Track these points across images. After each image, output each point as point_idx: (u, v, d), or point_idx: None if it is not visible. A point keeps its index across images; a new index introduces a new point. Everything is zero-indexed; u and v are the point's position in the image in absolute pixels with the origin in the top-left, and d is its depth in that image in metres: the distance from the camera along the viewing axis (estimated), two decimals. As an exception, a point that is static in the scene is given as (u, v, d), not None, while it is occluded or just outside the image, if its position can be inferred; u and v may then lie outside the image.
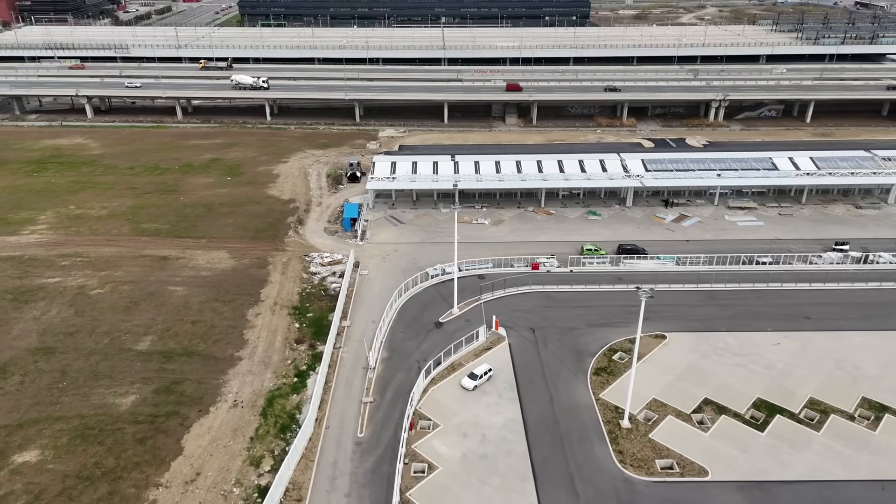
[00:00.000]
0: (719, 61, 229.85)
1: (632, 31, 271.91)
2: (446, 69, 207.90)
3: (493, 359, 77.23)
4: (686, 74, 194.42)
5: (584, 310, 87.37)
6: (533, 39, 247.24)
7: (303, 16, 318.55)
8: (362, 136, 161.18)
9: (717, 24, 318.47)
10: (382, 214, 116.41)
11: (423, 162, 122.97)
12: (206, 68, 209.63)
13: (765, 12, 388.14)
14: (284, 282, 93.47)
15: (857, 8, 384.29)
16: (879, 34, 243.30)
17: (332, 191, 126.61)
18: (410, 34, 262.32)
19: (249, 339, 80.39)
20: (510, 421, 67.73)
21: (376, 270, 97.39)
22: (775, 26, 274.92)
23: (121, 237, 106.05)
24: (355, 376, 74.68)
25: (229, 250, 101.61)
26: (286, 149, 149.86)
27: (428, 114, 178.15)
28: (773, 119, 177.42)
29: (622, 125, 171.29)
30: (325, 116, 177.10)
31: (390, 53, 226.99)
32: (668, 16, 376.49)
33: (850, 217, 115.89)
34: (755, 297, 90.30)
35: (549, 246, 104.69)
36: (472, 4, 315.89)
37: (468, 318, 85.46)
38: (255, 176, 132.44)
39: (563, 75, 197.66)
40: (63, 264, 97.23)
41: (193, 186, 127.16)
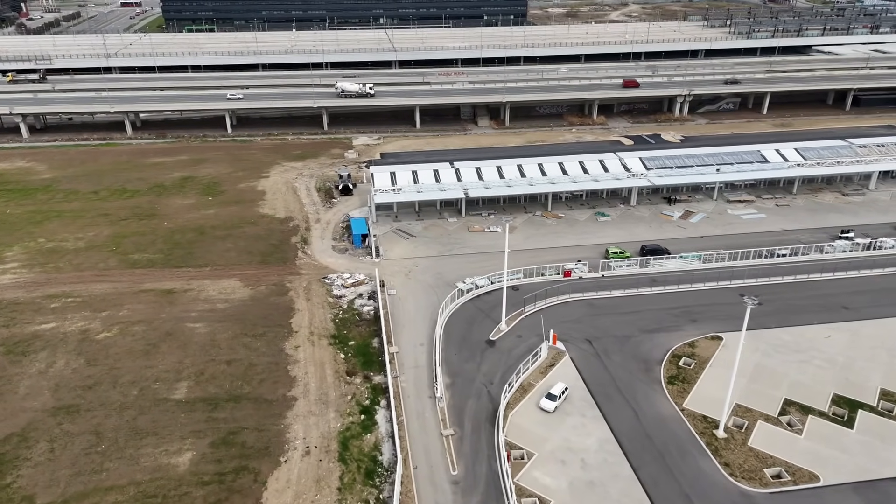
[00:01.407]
0: (662, 57, 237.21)
1: (576, 28, 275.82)
2: (411, 72, 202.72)
3: (560, 375, 74.16)
4: (645, 71, 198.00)
5: (632, 315, 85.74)
6: (482, 39, 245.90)
7: (233, 19, 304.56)
8: (336, 146, 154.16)
9: (644, 21, 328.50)
10: (389, 228, 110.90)
11: (424, 171, 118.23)
12: (15, 81, 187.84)
13: (683, 9, 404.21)
14: (312, 308, 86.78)
15: (765, 2, 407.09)
16: (804, 27, 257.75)
17: (327, 205, 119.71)
18: (357, 37, 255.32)
19: (297, 375, 73.70)
20: (604, 441, 64.91)
21: (403, 289, 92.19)
22: (706, 22, 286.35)
23: (111, 271, 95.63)
24: (424, 407, 69.73)
25: (240, 278, 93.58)
26: (261, 162, 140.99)
27: (396, 119, 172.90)
28: (732, 112, 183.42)
29: (594, 123, 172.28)
30: (289, 126, 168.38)
31: (341, 57, 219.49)
32: (596, 13, 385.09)
33: (841, 204, 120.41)
34: (789, 291, 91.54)
35: (571, 251, 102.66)
36: (410, 5, 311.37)
37: (519, 334, 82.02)
38: (239, 194, 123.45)
39: (527, 75, 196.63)
40: (53, 307, 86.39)
41: (174, 209, 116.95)
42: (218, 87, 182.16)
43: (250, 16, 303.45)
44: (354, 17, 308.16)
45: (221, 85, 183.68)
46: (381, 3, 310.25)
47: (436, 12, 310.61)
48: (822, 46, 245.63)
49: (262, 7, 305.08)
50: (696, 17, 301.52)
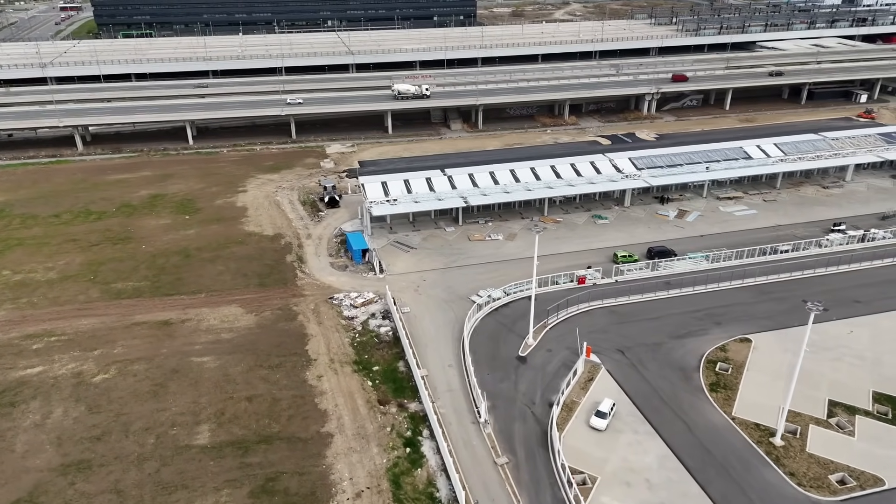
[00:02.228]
0: (618, 55, 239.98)
1: (530, 28, 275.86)
2: (376, 76, 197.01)
3: (601, 390, 71.70)
4: (609, 69, 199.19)
5: (656, 321, 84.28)
6: (439, 40, 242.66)
7: (172, 24, 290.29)
8: (310, 155, 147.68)
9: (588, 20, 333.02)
10: (387, 241, 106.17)
11: (416, 179, 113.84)
12: None
13: (623, 7, 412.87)
14: (326, 333, 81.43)
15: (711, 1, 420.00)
16: (748, 24, 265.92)
17: (315, 219, 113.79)
18: (309, 40, 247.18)
19: (326, 408, 68.52)
20: (663, 458, 62.73)
21: (416, 305, 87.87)
22: (653, 20, 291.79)
23: (94, 304, 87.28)
24: (469, 434, 65.92)
25: (240, 303, 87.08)
26: (233, 176, 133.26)
27: (366, 125, 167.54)
28: (696, 108, 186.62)
29: (566, 123, 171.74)
30: (254, 135, 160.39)
31: (298, 61, 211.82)
32: (540, 13, 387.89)
33: (823, 197, 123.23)
34: (799, 287, 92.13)
35: (577, 257, 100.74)
36: (359, 7, 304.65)
37: (548, 348, 79.17)
38: (218, 211, 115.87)
39: (494, 76, 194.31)
40: (36, 348, 77.89)
41: (150, 231, 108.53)
42: (174, 95, 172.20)
43: (191, 20, 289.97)
44: (301, 20, 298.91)
45: (178, 94, 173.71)
46: (328, 4, 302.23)
47: (385, 14, 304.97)
48: (765, 42, 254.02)
49: (202, 10, 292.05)
50: (642, 16, 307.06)
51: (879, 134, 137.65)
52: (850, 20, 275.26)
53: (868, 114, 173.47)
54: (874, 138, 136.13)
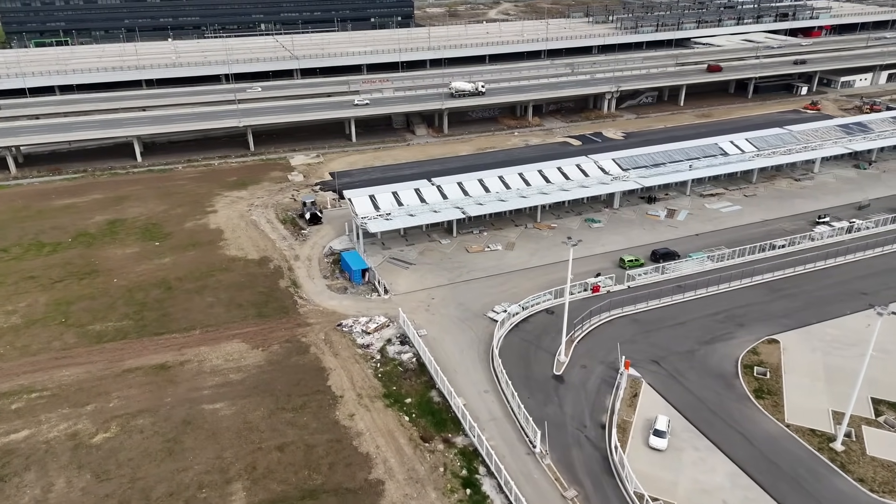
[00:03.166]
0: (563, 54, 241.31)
1: (474, 29, 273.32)
2: (333, 80, 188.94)
3: (648, 406, 69.16)
4: (564, 69, 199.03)
5: (680, 327, 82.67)
6: (385, 43, 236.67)
7: (91, 30, 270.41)
8: (274, 168, 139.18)
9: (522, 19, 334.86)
10: (382, 258, 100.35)
11: (405, 191, 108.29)
12: None
13: (552, 6, 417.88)
14: (345, 365, 75.20)
15: None
16: (682, 21, 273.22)
17: (299, 238, 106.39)
18: (247, 45, 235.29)
19: (368, 451, 62.64)
20: (733, 476, 60.51)
21: (432, 327, 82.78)
22: (590, 18, 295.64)
23: (73, 351, 77.35)
24: (529, 467, 61.76)
25: (242, 338, 79.37)
26: (197, 195, 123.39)
27: (325, 133, 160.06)
28: (652, 105, 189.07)
29: (530, 125, 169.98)
30: (207, 149, 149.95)
31: (244, 68, 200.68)
32: (473, 12, 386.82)
33: (798, 189, 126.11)
34: (805, 282, 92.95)
35: (582, 263, 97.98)
36: (292, 9, 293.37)
37: (582, 364, 76.00)
38: (191, 235, 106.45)
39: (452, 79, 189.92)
40: (16, 408, 67.88)
41: (118, 262, 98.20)
42: (115, 109, 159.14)
43: (111, 25, 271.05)
44: (232, 24, 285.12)
45: (119, 107, 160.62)
46: (260, 7, 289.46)
47: (321, 16, 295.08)
48: (699, 38, 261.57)
49: (124, 15, 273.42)
50: (578, 14, 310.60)
51: (838, 126, 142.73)
52: (774, 16, 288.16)
53: (813, 105, 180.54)
54: (834, 130, 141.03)
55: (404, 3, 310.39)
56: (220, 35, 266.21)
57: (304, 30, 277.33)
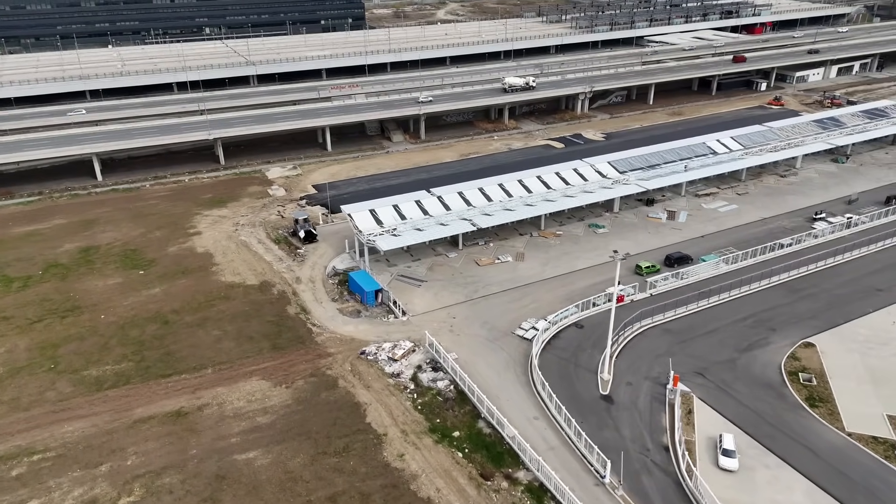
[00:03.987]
0: (524, 54, 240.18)
1: (431, 31, 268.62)
2: (300, 87, 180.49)
3: (706, 422, 66.72)
4: (533, 70, 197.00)
5: (713, 335, 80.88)
6: (342, 46, 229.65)
7: (20, 38, 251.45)
8: (251, 182, 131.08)
9: (472, 19, 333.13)
10: (390, 276, 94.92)
11: (406, 204, 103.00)
12: None
13: (500, 5, 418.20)
14: (381, 398, 69.74)
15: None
16: (635, 20, 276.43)
17: (297, 259, 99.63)
18: (197, 50, 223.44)
19: (429, 495, 57.58)
20: (810, 493, 58.45)
21: (461, 349, 78.15)
22: (544, 18, 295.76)
23: (72, 402, 68.82)
24: (602, 499, 58.07)
25: (261, 375, 72.67)
26: (173, 215, 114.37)
27: (296, 143, 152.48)
28: (622, 104, 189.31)
29: (507, 128, 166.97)
30: (171, 164, 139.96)
31: (200, 75, 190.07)
32: (421, 13, 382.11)
33: (786, 186, 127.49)
34: (821, 280, 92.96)
35: (598, 272, 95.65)
36: (238, 12, 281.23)
37: (627, 381, 73.05)
38: (178, 261, 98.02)
39: (423, 82, 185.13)
40: (17, 474, 59.41)
41: (100, 295, 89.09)
42: (64, 124, 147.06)
43: (43, 32, 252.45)
44: (174, 28, 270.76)
45: (69, 122, 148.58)
46: (204, 10, 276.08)
47: (269, 19, 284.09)
48: (653, 37, 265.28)
49: (56, 21, 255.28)
50: (531, 14, 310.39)
51: (813, 121, 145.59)
52: (719, 13, 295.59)
53: (777, 101, 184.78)
54: (811, 125, 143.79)
55: (355, 5, 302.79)
56: (164, 40, 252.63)
57: (254, 33, 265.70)
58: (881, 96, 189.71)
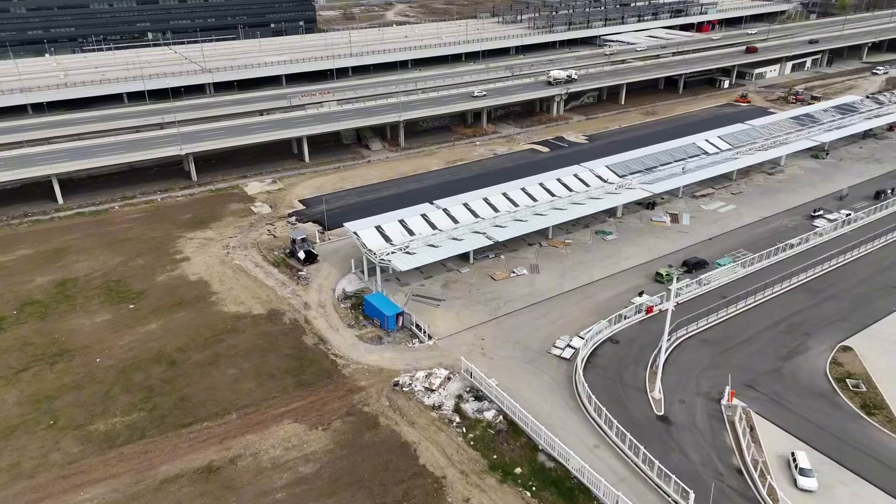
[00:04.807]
0: (487, 55, 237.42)
1: (390, 33, 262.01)
2: (267, 95, 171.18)
3: (772, 439, 64.46)
4: (503, 72, 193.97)
5: (750, 344, 79.16)
6: (300, 50, 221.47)
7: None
8: (230, 199, 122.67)
9: (422, 21, 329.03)
10: (405, 297, 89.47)
11: (412, 218, 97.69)
12: None
13: (446, 6, 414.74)
14: (429, 435, 64.53)
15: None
16: (591, 20, 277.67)
17: (300, 283, 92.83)
18: (145, 58, 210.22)
19: (510, 545, 53.05)
20: (894, 507, 57.18)
21: (499, 373, 73.43)
22: (499, 19, 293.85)
23: (84, 462, 60.65)
24: (688, 532, 54.88)
25: (292, 417, 66.19)
26: (152, 239, 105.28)
27: (270, 154, 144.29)
28: (595, 105, 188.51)
29: (486, 132, 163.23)
30: (136, 182, 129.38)
31: (156, 84, 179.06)
32: (368, 14, 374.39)
33: (776, 184, 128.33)
34: (837, 280, 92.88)
35: (618, 280, 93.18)
36: (184, 16, 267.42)
37: (680, 399, 70.29)
38: (170, 292, 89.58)
39: (395, 87, 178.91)
40: (33, 558, 51.55)
41: (90, 335, 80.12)
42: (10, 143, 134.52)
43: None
44: (114, 34, 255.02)
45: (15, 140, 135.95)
46: (146, 15, 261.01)
47: (215, 23, 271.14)
48: (608, 36, 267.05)
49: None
50: (485, 14, 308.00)
51: (791, 118, 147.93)
52: (669, 12, 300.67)
53: (744, 98, 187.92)
54: (789, 122, 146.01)
55: (306, 8, 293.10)
56: (103, 47, 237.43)
57: (204, 38, 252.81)
58: (837, 91, 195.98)
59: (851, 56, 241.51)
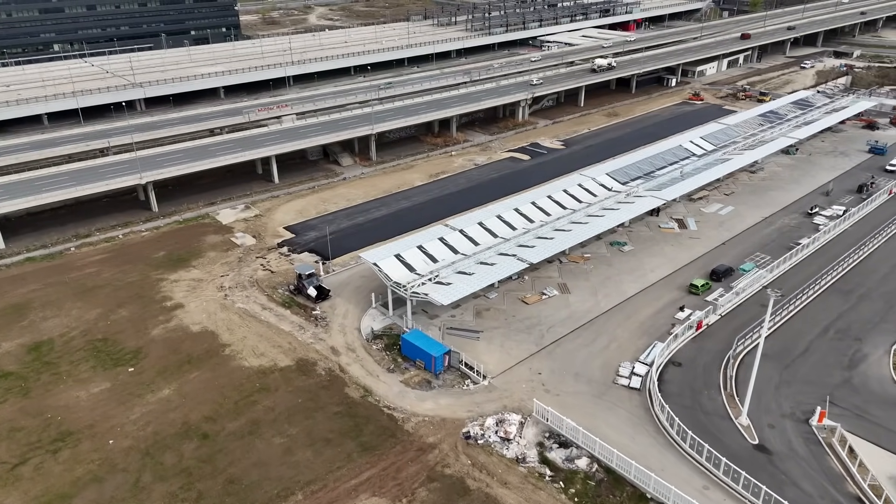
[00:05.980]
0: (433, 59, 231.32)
1: (329, 38, 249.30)
2: (218, 111, 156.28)
3: (878, 461, 61.70)
4: (462, 77, 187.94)
5: (811, 355, 77.32)
6: (233, 59, 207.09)
7: None
8: (204, 231, 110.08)
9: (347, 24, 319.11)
10: (439, 331, 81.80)
11: (432, 244, 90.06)
12: None
13: (367, 8, 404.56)
14: (528, 495, 57.65)
15: None
16: (526, 21, 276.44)
17: (319, 324, 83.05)
18: (58, 73, 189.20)
19: None
20: None
21: (571, 412, 67.06)
22: (433, 21, 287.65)
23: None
24: (838, 578, 51.09)
25: (370, 491, 57.37)
26: (131, 285, 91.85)
27: (232, 176, 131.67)
28: (555, 108, 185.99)
29: (458, 140, 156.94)
30: (88, 217, 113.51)
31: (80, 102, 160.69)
32: (288, 18, 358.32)
33: (760, 182, 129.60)
34: (860, 278, 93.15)
35: (652, 295, 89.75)
36: (93, 25, 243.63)
37: (769, 423, 66.94)
38: (174, 348, 77.40)
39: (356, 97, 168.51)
40: None
41: (90, 410, 67.34)
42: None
43: None
44: (16, 46, 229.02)
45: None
46: (50, 25, 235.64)
47: (129, 31, 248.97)
48: (545, 37, 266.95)
49: None
50: (417, 18, 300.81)
51: (759, 115, 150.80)
52: (598, 12, 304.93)
53: (697, 96, 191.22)
54: (757, 119, 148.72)
55: (228, 13, 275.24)
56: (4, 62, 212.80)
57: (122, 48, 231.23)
58: (777, 86, 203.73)
59: (775, 51, 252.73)
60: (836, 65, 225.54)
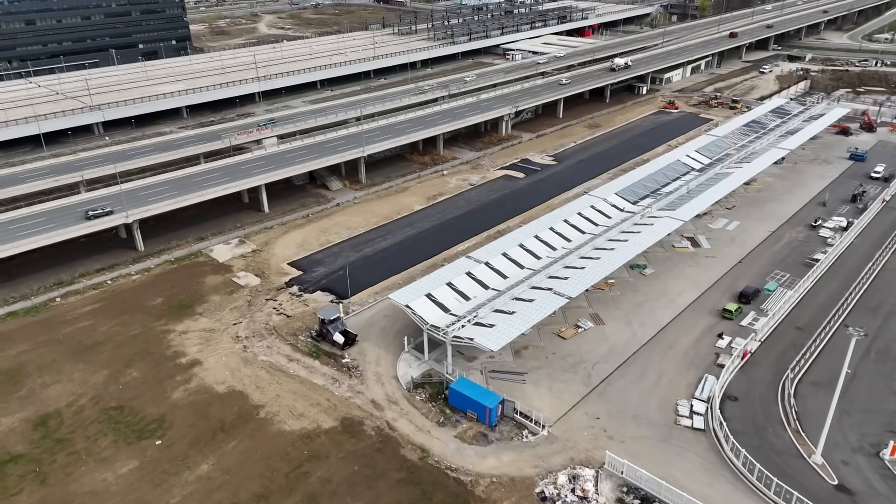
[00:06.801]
0: (398, 71, 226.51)
1: (292, 51, 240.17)
2: (193, 136, 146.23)
3: (952, 492, 61.72)
4: (441, 91, 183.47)
5: (860, 380, 76.83)
6: (192, 74, 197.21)
7: None
8: (201, 271, 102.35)
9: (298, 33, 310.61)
10: (481, 375, 77.68)
11: (461, 279, 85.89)
12: None
13: (317, 16, 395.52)
14: (627, 563, 54.35)
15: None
16: (489, 29, 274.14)
17: (352, 375, 77.55)
18: (5, 95, 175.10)
19: None
20: None
21: (642, 460, 64.76)
22: (394, 30, 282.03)
23: None
24: None
25: (459, 573, 52.94)
26: (136, 340, 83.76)
27: (219, 206, 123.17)
28: (534, 120, 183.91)
29: (446, 158, 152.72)
30: (68, 262, 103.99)
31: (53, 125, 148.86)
32: (239, 27, 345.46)
33: (757, 194, 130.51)
34: (882, 294, 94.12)
35: (685, 322, 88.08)
36: (32, 41, 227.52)
37: (842, 460, 65.66)
38: (201, 413, 70.36)
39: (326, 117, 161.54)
40: None
41: (123, 496, 60.02)
42: None
43: None
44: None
45: None
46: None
47: (72, 46, 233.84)
48: (507, 44, 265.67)
49: None
50: (376, 26, 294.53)
51: (744, 126, 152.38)
52: (555, 18, 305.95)
53: (671, 104, 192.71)
54: (742, 130, 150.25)
55: (178, 25, 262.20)
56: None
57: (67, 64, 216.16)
58: (743, 92, 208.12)
59: (731, 56, 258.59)
60: (793, 69, 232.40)
